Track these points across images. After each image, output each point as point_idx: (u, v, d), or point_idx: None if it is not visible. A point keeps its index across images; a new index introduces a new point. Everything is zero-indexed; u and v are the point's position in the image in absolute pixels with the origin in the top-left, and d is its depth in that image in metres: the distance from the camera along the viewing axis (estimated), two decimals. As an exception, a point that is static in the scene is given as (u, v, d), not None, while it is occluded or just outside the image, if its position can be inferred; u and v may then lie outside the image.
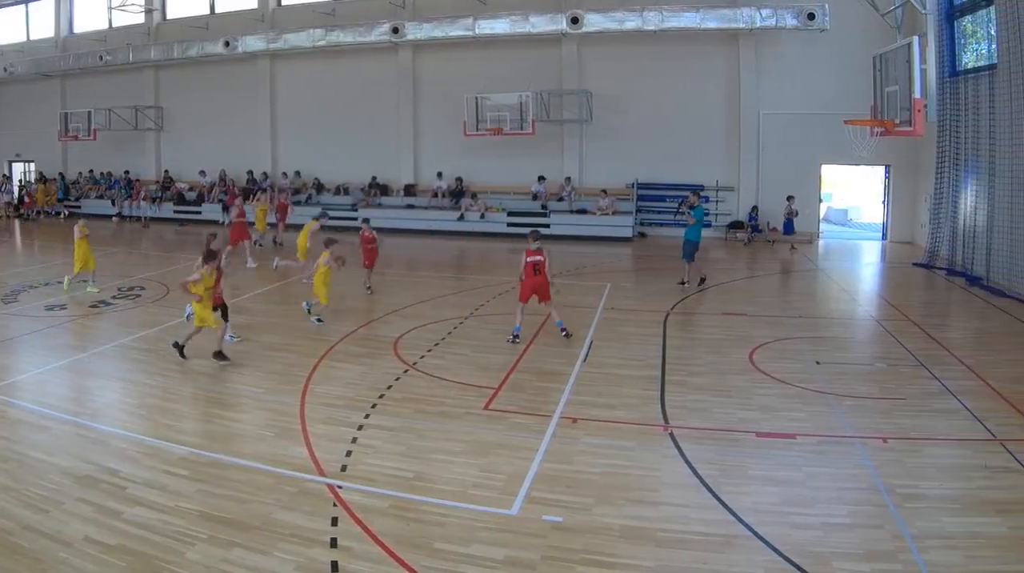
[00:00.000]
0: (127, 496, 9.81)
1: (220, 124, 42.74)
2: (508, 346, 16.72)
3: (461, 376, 14.78)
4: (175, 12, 44.37)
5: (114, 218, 42.58)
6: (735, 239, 33.65)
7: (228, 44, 39.64)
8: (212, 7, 43.40)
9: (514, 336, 17.13)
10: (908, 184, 32.43)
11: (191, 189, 43.01)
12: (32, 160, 49.36)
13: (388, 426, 12.34)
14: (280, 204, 32.64)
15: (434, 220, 36.68)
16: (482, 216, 36.32)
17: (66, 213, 44.07)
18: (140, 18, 44.20)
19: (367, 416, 12.72)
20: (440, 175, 38.08)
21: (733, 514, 9.36)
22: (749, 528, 9.02)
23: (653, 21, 32.30)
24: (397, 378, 14.74)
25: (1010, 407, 12.93)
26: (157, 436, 11.80)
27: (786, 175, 33.05)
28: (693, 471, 10.58)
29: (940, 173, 26.87)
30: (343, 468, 10.72)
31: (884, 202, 34.49)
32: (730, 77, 34.18)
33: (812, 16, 30.41)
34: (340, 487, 10.11)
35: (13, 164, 50.30)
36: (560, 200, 35.85)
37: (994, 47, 23.13)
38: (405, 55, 38.56)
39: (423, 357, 16.08)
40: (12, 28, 48.93)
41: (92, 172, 46.62)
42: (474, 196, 37.18)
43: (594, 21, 33.26)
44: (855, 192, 42.40)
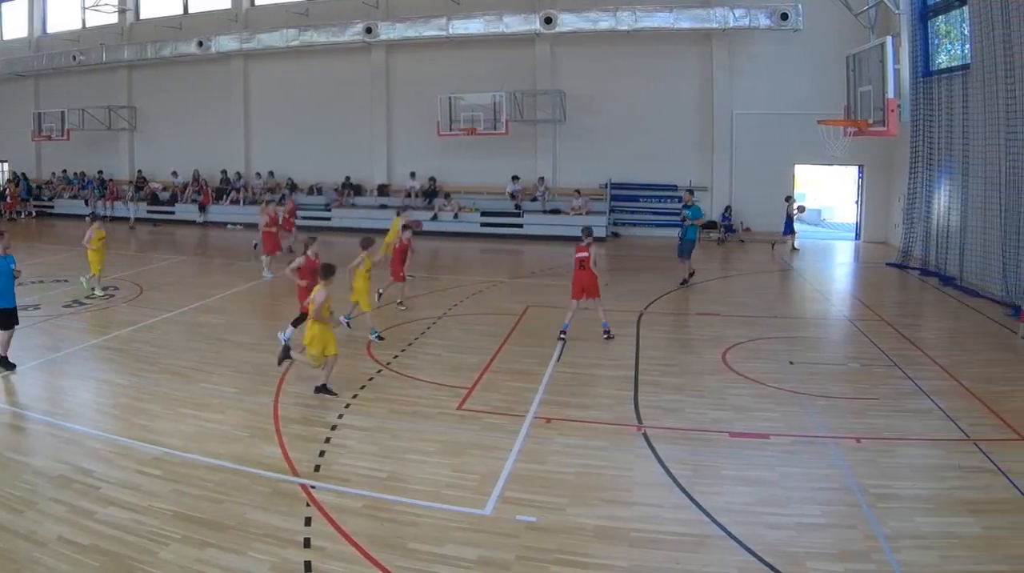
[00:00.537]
0: (101, 496, 9.78)
1: (193, 124, 42.42)
2: (482, 346, 16.69)
3: (434, 376, 14.77)
4: (148, 12, 44.06)
5: (87, 218, 42.07)
6: (708, 239, 33.59)
7: (201, 44, 39.39)
8: (185, 7, 43.14)
9: (562, 332, 17.27)
10: (881, 184, 32.58)
11: (164, 189, 42.73)
12: (6, 160, 48.86)
13: (362, 426, 12.33)
14: (291, 206, 31.18)
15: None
16: (455, 216, 36.25)
17: (33, 213, 43.98)
18: (113, 18, 43.92)
19: (340, 416, 12.71)
20: (413, 175, 38.00)
21: (706, 514, 9.38)
22: (722, 528, 9.04)
23: (626, 21, 32.33)
24: (371, 378, 14.72)
25: (983, 407, 13.02)
26: (131, 436, 11.76)
27: (759, 175, 33.20)
28: (666, 471, 10.61)
29: (914, 173, 27.00)
30: (316, 468, 10.71)
31: (857, 202, 34.62)
32: (703, 77, 34.25)
33: (785, 16, 30.49)
34: (314, 487, 10.09)
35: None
36: (534, 200, 35.84)
37: (968, 47, 23.27)
38: (378, 55, 38.45)
39: (396, 357, 16.05)
40: (-15, 28, 48.48)
41: (65, 172, 46.19)
42: (447, 196, 37.12)
43: (568, 21, 33.24)
44: (828, 192, 42.51)
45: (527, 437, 11.84)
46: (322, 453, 11.21)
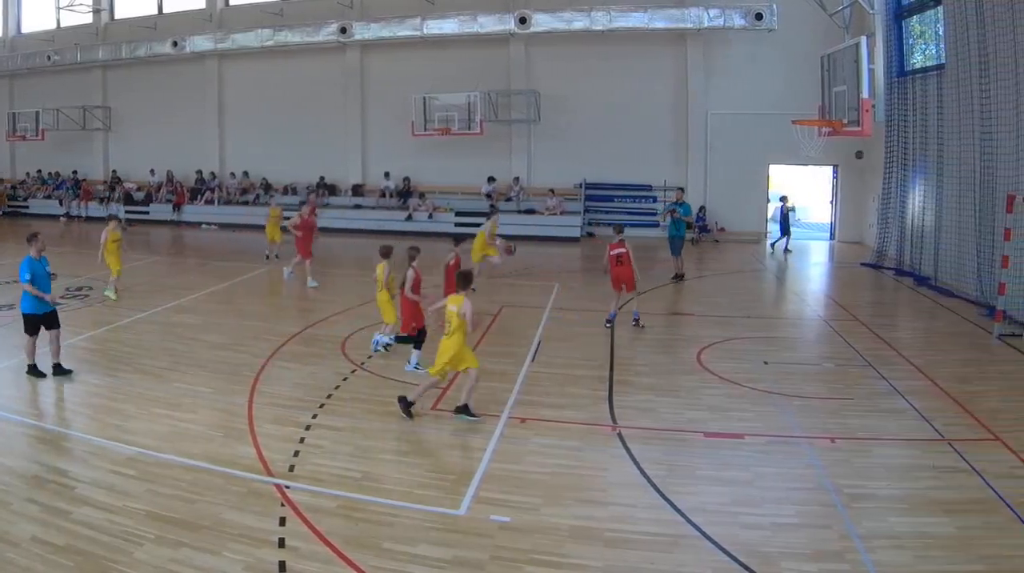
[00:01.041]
0: (75, 496, 9.71)
1: (168, 124, 42.16)
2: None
3: (409, 376, 14.69)
4: (123, 12, 43.83)
5: (62, 218, 41.99)
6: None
7: (176, 44, 39.25)
8: (160, 7, 42.93)
9: (608, 321, 18.30)
10: (856, 184, 32.77)
11: (139, 189, 42.51)
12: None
13: (336, 426, 12.29)
14: (311, 205, 29.42)
15: (382, 220, 36.29)
16: (430, 216, 36.14)
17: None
18: (88, 18, 43.68)
19: (315, 416, 12.66)
20: (388, 175, 37.96)
21: (681, 514, 9.39)
22: (697, 528, 9.05)
23: (601, 21, 32.42)
24: (345, 378, 14.67)
25: (958, 407, 13.09)
26: (105, 436, 11.67)
27: (734, 175, 33.38)
28: (641, 471, 10.61)
29: (888, 173, 27.16)
30: (291, 468, 10.66)
31: (832, 202, 34.76)
32: (678, 77, 34.32)
33: (760, 16, 30.64)
34: (288, 487, 10.04)
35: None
36: (508, 200, 35.76)
37: (942, 47, 23.46)
38: (353, 55, 38.37)
39: (371, 357, 16.00)
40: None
41: (40, 172, 45.93)
42: (422, 196, 37.06)
43: (542, 21, 33.30)
44: (803, 192, 42.65)
45: (502, 437, 11.82)
46: (296, 453, 11.16)
